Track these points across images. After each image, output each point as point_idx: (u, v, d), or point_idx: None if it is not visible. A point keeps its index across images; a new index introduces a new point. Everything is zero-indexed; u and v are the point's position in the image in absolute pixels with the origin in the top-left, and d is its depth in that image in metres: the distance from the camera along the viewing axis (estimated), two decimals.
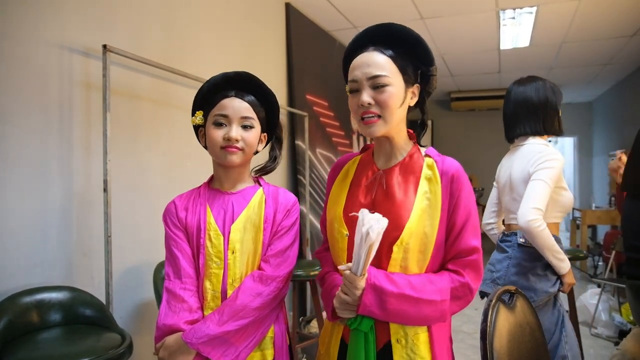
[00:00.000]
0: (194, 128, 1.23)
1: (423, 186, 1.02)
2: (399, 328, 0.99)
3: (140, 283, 2.04)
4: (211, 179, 1.25)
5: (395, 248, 0.98)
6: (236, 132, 1.13)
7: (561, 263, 1.69)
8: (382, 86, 0.99)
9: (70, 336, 1.44)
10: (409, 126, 1.11)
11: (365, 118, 1.00)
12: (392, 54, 1.01)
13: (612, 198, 5.80)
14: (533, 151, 1.71)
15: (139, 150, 2.06)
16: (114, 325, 1.57)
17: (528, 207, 1.60)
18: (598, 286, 4.06)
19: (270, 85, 1.22)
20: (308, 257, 3.45)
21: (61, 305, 1.54)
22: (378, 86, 0.99)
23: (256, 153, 1.22)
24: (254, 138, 1.17)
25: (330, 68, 4.15)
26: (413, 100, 1.06)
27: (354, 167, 1.15)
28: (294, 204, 1.22)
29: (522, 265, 1.71)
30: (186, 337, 1.06)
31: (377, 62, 1.00)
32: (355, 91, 1.03)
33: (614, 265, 4.16)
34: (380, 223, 0.87)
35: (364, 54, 1.02)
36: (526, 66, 5.41)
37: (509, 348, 1.06)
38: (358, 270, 0.92)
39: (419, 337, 0.99)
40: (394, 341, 0.99)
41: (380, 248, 0.98)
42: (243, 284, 1.12)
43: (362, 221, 0.88)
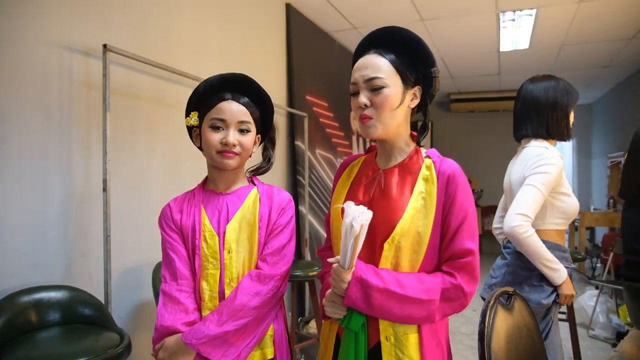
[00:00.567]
0: (188, 128, 1.23)
1: (419, 186, 1.03)
2: (389, 326, 1.00)
3: (139, 283, 2.04)
4: (205, 180, 1.25)
5: (386, 245, 0.99)
6: (233, 137, 1.13)
7: (553, 273, 1.60)
8: (378, 88, 1.01)
9: (69, 336, 1.44)
10: (411, 127, 1.12)
11: (362, 119, 1.03)
12: (392, 57, 1.03)
13: (611, 200, 5.81)
14: (531, 154, 1.68)
15: (139, 150, 2.07)
16: (113, 324, 1.58)
17: (513, 213, 1.57)
18: (596, 288, 4.07)
19: (270, 85, 1.23)
20: (307, 258, 3.45)
21: (60, 304, 1.54)
22: (375, 88, 1.01)
23: (250, 155, 1.22)
24: (250, 142, 1.18)
25: (330, 69, 4.16)
26: (414, 102, 1.07)
27: (358, 167, 1.17)
28: (289, 202, 1.23)
29: (518, 273, 1.67)
30: (186, 338, 1.06)
31: (375, 65, 1.02)
32: (355, 93, 1.05)
33: (612, 267, 4.17)
34: (364, 215, 0.88)
35: (365, 57, 1.04)
36: (526, 68, 5.42)
37: (507, 349, 1.07)
38: (345, 263, 0.94)
39: (408, 338, 0.99)
40: (383, 339, 1.00)
41: (372, 245, 1.00)
42: (241, 284, 1.12)
43: (346, 213, 0.89)
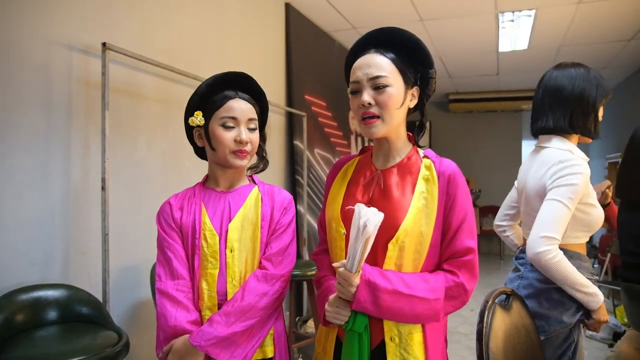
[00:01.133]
0: (187, 128, 1.22)
1: (420, 186, 1.03)
2: (393, 326, 1.00)
3: (137, 282, 2.03)
4: (206, 179, 1.25)
5: (390, 246, 0.99)
6: (245, 135, 1.13)
7: (588, 297, 1.35)
8: (383, 87, 1.00)
9: (66, 334, 1.44)
10: (408, 127, 1.12)
11: (365, 119, 1.02)
12: (393, 57, 1.03)
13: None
14: (553, 159, 1.41)
15: (138, 148, 2.06)
16: (111, 323, 1.57)
17: (537, 236, 1.32)
18: None
19: (269, 85, 1.23)
20: (305, 257, 3.45)
21: (58, 303, 1.54)
22: (378, 87, 1.01)
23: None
24: (258, 139, 1.19)
25: (329, 68, 4.15)
26: (413, 102, 1.08)
27: (353, 168, 1.16)
28: (290, 202, 1.23)
29: (534, 286, 1.42)
30: (194, 340, 1.06)
31: (378, 63, 1.02)
32: (356, 92, 1.04)
33: (609, 267, 4.18)
34: (376, 216, 0.88)
35: (366, 56, 1.04)
36: (524, 69, 5.42)
37: (505, 349, 1.07)
38: (353, 266, 0.93)
39: (413, 337, 1.00)
40: (388, 339, 1.00)
41: (375, 246, 0.99)
42: (247, 284, 1.12)
43: (359, 214, 0.88)
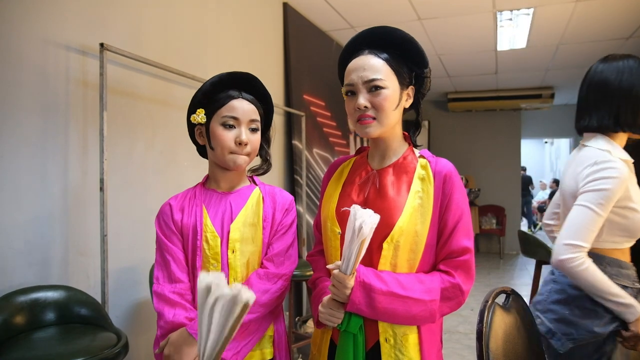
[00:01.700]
0: (189, 126, 1.21)
1: (416, 185, 1.03)
2: (388, 327, 0.99)
3: (136, 282, 2.03)
4: (206, 179, 1.24)
5: (385, 245, 0.98)
6: (246, 135, 1.12)
7: (622, 308, 1.25)
8: (378, 89, 1.00)
9: (65, 335, 1.44)
10: (404, 127, 1.12)
11: (361, 119, 1.02)
12: (387, 57, 1.02)
13: None
14: (589, 159, 1.33)
15: (136, 149, 2.06)
16: (110, 324, 1.57)
17: (561, 243, 1.27)
18: None
19: (267, 85, 1.22)
20: (304, 257, 3.45)
21: (56, 304, 1.53)
22: (374, 89, 1.00)
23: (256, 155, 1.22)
24: (259, 141, 1.18)
25: (327, 68, 4.15)
26: (408, 102, 1.07)
27: (349, 168, 1.16)
28: (291, 203, 1.23)
29: (567, 292, 1.35)
30: (191, 329, 1.06)
31: (373, 66, 1.01)
32: (351, 94, 1.04)
33: None
34: (372, 218, 0.87)
35: (360, 58, 1.03)
36: (523, 67, 5.42)
37: (505, 349, 1.07)
38: (348, 268, 0.92)
39: (408, 339, 0.99)
40: (382, 340, 0.99)
41: (370, 245, 0.99)
42: (250, 281, 1.12)
43: (355, 216, 0.87)
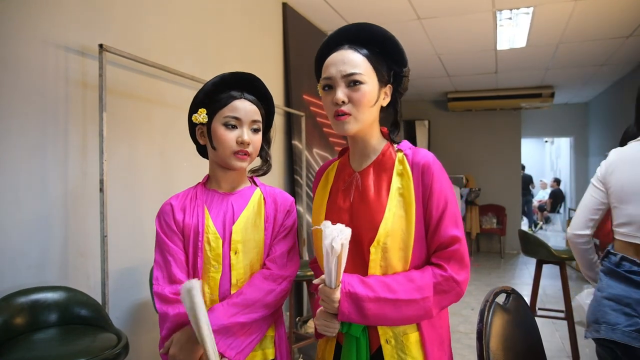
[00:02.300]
0: (190, 125, 1.21)
1: (395, 182, 1.01)
2: (387, 329, 0.99)
3: (136, 283, 2.03)
4: (207, 179, 1.24)
5: (372, 249, 0.98)
6: (248, 136, 1.12)
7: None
8: (357, 84, 0.98)
9: (65, 336, 1.43)
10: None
11: (338, 115, 0.99)
12: (367, 53, 1.01)
13: None
14: None
15: (136, 149, 2.06)
16: (110, 325, 1.57)
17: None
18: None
19: (267, 85, 1.22)
20: (305, 257, 3.44)
21: (57, 305, 1.53)
22: (352, 84, 0.98)
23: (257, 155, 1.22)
24: (260, 142, 1.17)
25: None
26: (385, 100, 1.06)
27: (333, 172, 1.15)
28: (292, 204, 1.23)
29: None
30: None
31: (353, 60, 0.99)
32: (329, 88, 1.02)
33: None
34: (343, 233, 0.87)
35: (339, 52, 1.01)
36: (523, 66, 5.42)
37: (505, 348, 1.07)
38: (332, 282, 0.92)
39: (409, 338, 0.99)
40: (383, 342, 0.99)
41: (360, 251, 0.99)
42: (253, 282, 1.12)
43: (324, 234, 0.87)
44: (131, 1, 2.03)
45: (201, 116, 1.15)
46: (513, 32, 4.22)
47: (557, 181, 10.27)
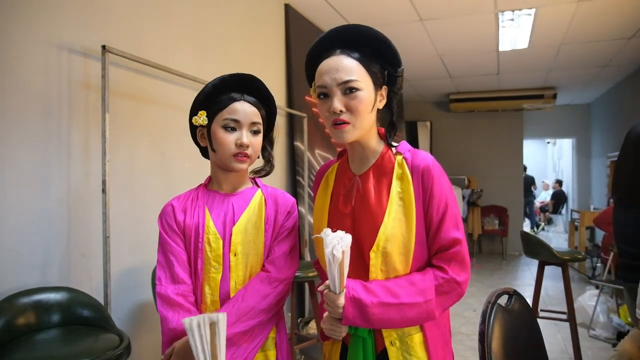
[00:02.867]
0: (191, 127, 1.21)
1: (395, 186, 1.01)
2: (392, 331, 0.99)
3: (138, 284, 2.03)
4: (208, 181, 1.24)
5: (372, 254, 0.98)
6: (247, 138, 1.12)
7: None
8: (354, 91, 0.97)
9: (68, 337, 1.44)
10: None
11: (336, 124, 0.98)
12: (360, 57, 0.99)
13: (610, 200, 5.81)
14: None
15: (138, 151, 2.06)
16: (112, 326, 1.57)
17: None
18: (596, 287, 4.07)
19: (269, 86, 1.22)
20: (307, 258, 3.44)
21: (59, 306, 1.54)
22: (348, 91, 0.97)
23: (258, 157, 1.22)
24: (260, 143, 1.17)
25: None
26: (382, 102, 1.05)
27: (333, 175, 1.14)
28: (293, 205, 1.23)
29: None
30: None
31: (347, 67, 0.97)
32: (324, 96, 1.00)
33: (612, 267, 4.17)
34: (343, 240, 0.88)
35: (332, 58, 0.99)
36: (525, 68, 5.41)
37: (507, 350, 1.06)
38: (336, 288, 0.93)
39: (413, 339, 0.99)
40: (388, 344, 1.00)
41: (362, 255, 0.99)
42: (250, 285, 1.12)
43: (325, 243, 0.88)
44: (134, 2, 2.04)
45: (201, 118, 1.15)
46: (515, 33, 4.21)
47: (559, 182, 10.25)
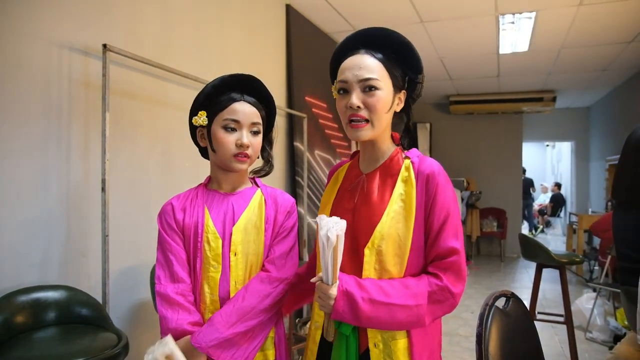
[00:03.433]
0: (191, 128, 1.21)
1: (399, 188, 1.02)
2: (377, 333, 0.99)
3: (136, 283, 2.03)
4: (208, 180, 1.24)
5: (366, 251, 0.98)
6: (247, 139, 1.12)
7: None
8: (372, 89, 0.98)
9: (66, 336, 1.44)
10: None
11: (353, 121, 1.00)
12: (382, 58, 1.01)
13: (609, 203, 5.82)
14: None
15: (138, 149, 2.06)
16: (110, 325, 1.57)
17: None
18: (593, 290, 4.08)
19: (269, 86, 1.22)
20: (305, 259, 3.45)
21: (57, 304, 1.54)
22: (368, 89, 0.99)
23: (258, 157, 1.22)
24: (260, 143, 1.18)
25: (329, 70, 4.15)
26: (399, 106, 1.06)
27: (343, 173, 1.16)
28: (293, 205, 1.23)
29: None
30: (195, 342, 1.05)
31: (368, 65, 0.99)
32: (344, 92, 1.02)
33: (610, 270, 4.17)
34: (338, 224, 0.87)
35: (356, 56, 1.01)
36: (525, 71, 5.42)
37: (504, 352, 1.07)
38: (329, 278, 0.92)
39: (397, 344, 0.98)
40: (372, 345, 0.99)
41: (357, 252, 0.99)
42: (250, 286, 1.12)
43: (320, 225, 0.87)
44: (135, 1, 2.04)
45: (201, 119, 1.15)
46: (515, 37, 4.22)
47: (558, 185, 10.26)
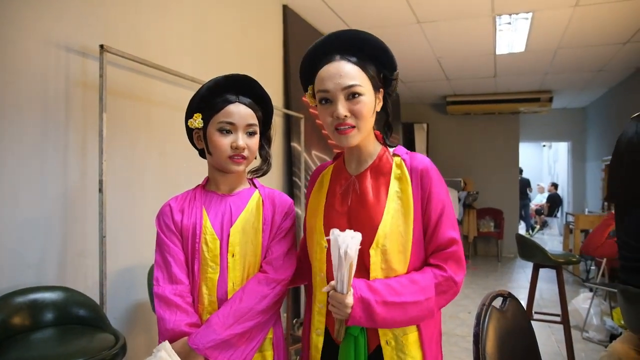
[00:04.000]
0: (188, 130, 1.21)
1: (394, 186, 1.03)
2: (387, 330, 1.00)
3: (134, 284, 2.03)
4: (206, 181, 1.24)
5: (372, 252, 0.99)
6: (242, 140, 1.12)
7: None
8: (357, 96, 0.99)
9: (63, 336, 1.44)
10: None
11: (340, 129, 1.00)
12: (359, 62, 1.01)
13: (605, 203, 5.84)
14: None
15: (135, 150, 2.06)
16: (108, 325, 1.57)
17: None
18: (590, 290, 4.10)
19: (266, 86, 1.23)
20: None
21: (55, 305, 1.54)
22: (352, 96, 0.99)
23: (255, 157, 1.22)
24: (257, 144, 1.17)
25: None
26: (379, 105, 1.07)
27: (328, 176, 1.16)
28: (291, 206, 1.23)
29: None
30: (192, 343, 1.05)
31: (348, 72, 0.99)
32: (326, 101, 1.02)
33: (606, 269, 4.19)
34: (355, 239, 0.89)
35: (333, 64, 1.01)
36: (521, 71, 5.44)
37: (501, 352, 1.07)
38: (344, 288, 0.93)
39: (408, 338, 1.00)
40: (384, 343, 1.00)
41: (360, 254, 0.99)
42: (247, 287, 1.12)
43: (336, 242, 0.88)
44: (132, 2, 2.04)
45: (196, 121, 1.15)
46: (512, 37, 4.24)
47: (555, 185, 10.30)
